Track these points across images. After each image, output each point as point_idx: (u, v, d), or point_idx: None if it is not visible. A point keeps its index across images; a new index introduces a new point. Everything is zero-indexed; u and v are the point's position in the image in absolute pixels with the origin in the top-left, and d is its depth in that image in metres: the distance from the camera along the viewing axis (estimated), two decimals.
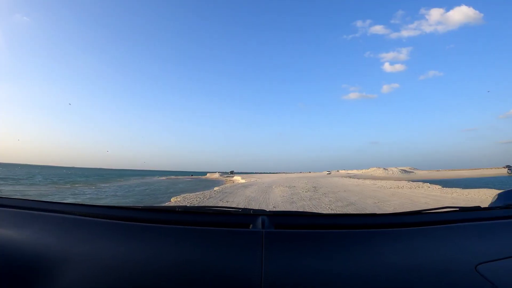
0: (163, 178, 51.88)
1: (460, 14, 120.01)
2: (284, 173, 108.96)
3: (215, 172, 76.02)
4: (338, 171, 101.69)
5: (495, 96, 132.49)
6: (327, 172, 78.41)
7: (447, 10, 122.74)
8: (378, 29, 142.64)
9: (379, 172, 52.76)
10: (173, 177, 59.67)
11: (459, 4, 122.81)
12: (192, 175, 73.52)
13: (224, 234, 0.80)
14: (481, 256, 0.72)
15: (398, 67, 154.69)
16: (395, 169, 53.33)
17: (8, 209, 0.98)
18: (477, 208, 1.06)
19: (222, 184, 23.93)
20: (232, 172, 70.10)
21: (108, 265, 0.67)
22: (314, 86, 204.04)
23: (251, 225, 0.86)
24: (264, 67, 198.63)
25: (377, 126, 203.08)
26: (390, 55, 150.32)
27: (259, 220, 0.87)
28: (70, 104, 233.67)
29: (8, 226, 0.86)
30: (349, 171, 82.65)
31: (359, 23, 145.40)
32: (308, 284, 0.62)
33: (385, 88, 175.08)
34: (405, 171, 54.63)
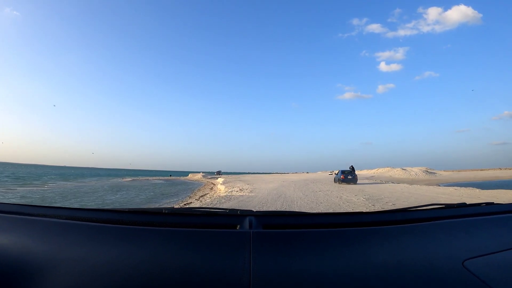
0: (128, 179, 41.99)
1: (459, 13, 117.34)
2: (277, 173, 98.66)
3: (199, 172, 65.06)
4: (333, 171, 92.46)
5: (489, 98, 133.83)
6: (330, 173, 68.92)
7: (445, 9, 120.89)
8: (375, 27, 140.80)
9: (397, 172, 42.94)
10: (141, 178, 49.57)
11: (457, 3, 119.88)
12: (170, 175, 63.17)
13: (211, 235, 0.79)
14: (468, 252, 0.73)
15: (394, 66, 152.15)
16: (417, 169, 43.87)
17: None
18: (463, 205, 1.09)
19: (189, 193, 18.70)
20: (219, 173, 59.37)
21: (96, 268, 0.67)
22: (308, 85, 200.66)
23: (238, 226, 0.85)
24: (256, 64, 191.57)
25: (371, 127, 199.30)
26: (387, 54, 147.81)
27: (247, 220, 0.86)
28: (54, 105, 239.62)
29: None
30: (358, 172, 73.72)
31: (355, 21, 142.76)
32: (297, 284, 0.62)
33: (381, 88, 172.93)
34: (428, 171, 45.58)
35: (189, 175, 59.47)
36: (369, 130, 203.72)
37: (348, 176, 18.83)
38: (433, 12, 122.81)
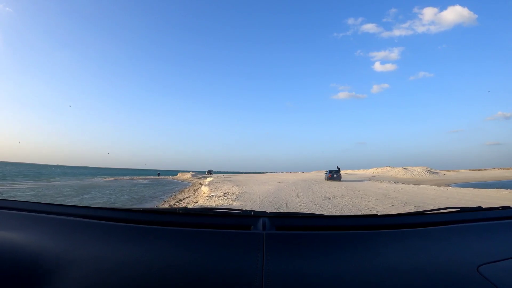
0: (109, 179, 38.62)
1: (454, 14, 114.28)
2: (272, 173, 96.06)
3: (189, 172, 61.17)
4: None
5: (483, 99, 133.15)
6: (325, 172, 66.45)
7: (441, 9, 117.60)
8: (370, 27, 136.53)
9: (398, 172, 40.28)
10: (125, 177, 44.97)
11: (453, 4, 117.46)
12: (158, 174, 58.95)
13: (225, 236, 0.80)
14: (483, 257, 0.71)
15: (389, 66, 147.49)
16: (419, 168, 41.30)
17: (9, 211, 0.97)
18: (478, 209, 1.06)
19: (167, 196, 16.18)
20: (210, 172, 55.41)
21: (109, 267, 0.67)
22: (303, 85, 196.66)
23: (252, 227, 0.86)
24: (250, 63, 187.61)
25: (365, 127, 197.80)
26: (382, 54, 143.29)
27: (260, 221, 0.87)
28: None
29: (9, 228, 0.84)
30: (355, 172, 71.71)
31: (350, 21, 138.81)
32: (310, 287, 0.62)
33: (375, 88, 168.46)
34: (431, 171, 43.08)
35: (178, 174, 55.06)
36: (363, 130, 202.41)
37: (334, 175, 24.08)
38: (428, 13, 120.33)
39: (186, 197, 14.31)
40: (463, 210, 1.05)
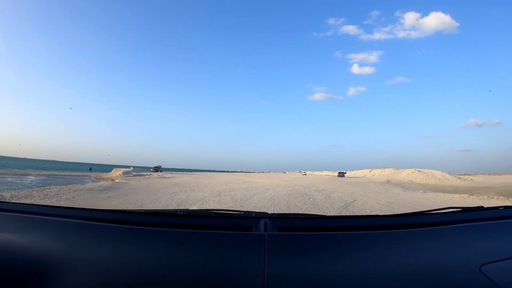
0: None
1: (436, 20, 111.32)
2: (244, 172, 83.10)
3: (129, 167, 44.54)
4: (308, 172, 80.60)
5: (457, 105, 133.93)
6: (303, 173, 66.06)
7: (423, 15, 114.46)
8: (351, 29, 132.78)
9: (416, 176, 30.60)
10: (19, 172, 27.99)
11: (436, 10, 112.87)
12: (90, 169, 42.12)
13: (226, 237, 0.79)
14: (485, 256, 0.71)
15: (367, 69, 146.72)
16: (439, 172, 31.89)
17: (10, 213, 0.97)
18: (480, 208, 1.05)
19: None
20: (157, 169, 40.54)
21: (111, 269, 0.67)
22: (279, 84, 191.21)
23: (253, 228, 0.85)
24: (226, 60, 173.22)
25: (340, 129, 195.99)
26: (360, 56, 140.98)
27: (262, 222, 0.87)
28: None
29: (11, 231, 0.84)
30: (354, 173, 62.48)
31: (331, 21, 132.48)
32: None
33: (352, 90, 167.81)
34: (457, 176, 33.82)
35: (113, 171, 37.92)
36: (338, 132, 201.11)
37: (340, 175, 45.12)
38: (410, 17, 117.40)
39: None
40: (465, 210, 1.05)
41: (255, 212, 0.99)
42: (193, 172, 41.46)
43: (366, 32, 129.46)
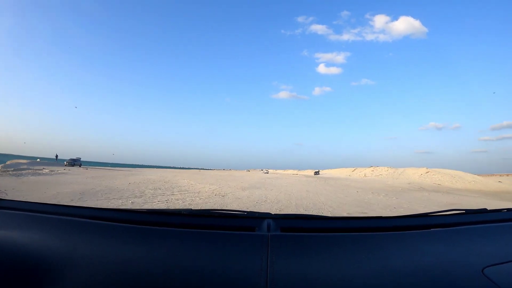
0: None
1: (406, 24, 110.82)
2: (200, 169, 75.56)
3: (36, 159, 33.63)
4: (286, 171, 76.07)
5: (419, 109, 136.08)
6: (265, 171, 63.12)
7: (393, 19, 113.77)
8: (319, 28, 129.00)
9: (437, 178, 25.38)
10: None
11: (406, 14, 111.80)
12: None
13: (229, 237, 0.80)
14: (488, 259, 0.71)
15: (334, 70, 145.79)
16: (463, 173, 27.36)
17: (12, 211, 0.97)
18: (484, 211, 1.06)
19: None
20: (72, 162, 30.20)
21: (113, 268, 0.67)
22: (244, 81, 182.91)
23: (256, 228, 0.85)
24: (190, 54, 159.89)
25: (304, 128, 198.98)
26: (328, 56, 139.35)
27: (265, 223, 0.87)
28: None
29: (12, 228, 0.84)
30: (329, 171, 59.25)
31: (301, 19, 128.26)
32: None
33: (317, 90, 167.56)
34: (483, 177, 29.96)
35: (7, 162, 28.85)
36: (302, 131, 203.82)
37: (316, 173, 53.97)
38: (380, 20, 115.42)
39: None
40: (468, 212, 1.05)
41: (259, 213, 0.99)
42: (132, 169, 32.37)
43: (335, 33, 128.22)
